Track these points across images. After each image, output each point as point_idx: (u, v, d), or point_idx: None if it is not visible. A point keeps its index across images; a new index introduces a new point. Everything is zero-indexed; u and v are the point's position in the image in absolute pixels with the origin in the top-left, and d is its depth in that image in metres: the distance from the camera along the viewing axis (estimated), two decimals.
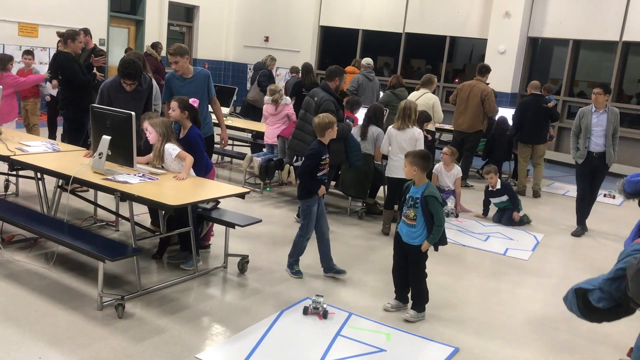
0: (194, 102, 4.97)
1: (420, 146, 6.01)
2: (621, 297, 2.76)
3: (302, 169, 4.82)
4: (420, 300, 4.29)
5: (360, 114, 7.11)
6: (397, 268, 4.40)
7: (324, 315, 4.08)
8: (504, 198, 7.18)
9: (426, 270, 4.31)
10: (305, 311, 4.12)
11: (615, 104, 10.23)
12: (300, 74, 10.09)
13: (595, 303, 2.76)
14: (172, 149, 4.68)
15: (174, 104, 4.87)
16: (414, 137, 6.01)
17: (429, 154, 4.44)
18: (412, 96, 8.28)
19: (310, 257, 5.05)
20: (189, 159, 4.65)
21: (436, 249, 4.30)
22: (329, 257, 4.88)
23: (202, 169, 4.91)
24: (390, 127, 6.21)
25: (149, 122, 4.67)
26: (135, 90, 5.37)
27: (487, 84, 9.05)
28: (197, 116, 4.99)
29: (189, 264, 4.69)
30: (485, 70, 9.04)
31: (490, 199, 7.33)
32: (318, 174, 4.77)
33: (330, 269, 4.89)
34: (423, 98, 8.28)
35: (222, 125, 6.15)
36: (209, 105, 5.87)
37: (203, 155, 4.97)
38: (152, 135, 4.67)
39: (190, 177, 4.65)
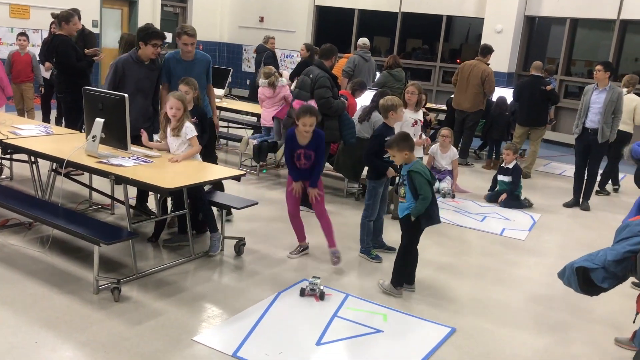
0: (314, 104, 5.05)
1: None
2: (625, 275, 2.76)
3: (367, 150, 4.90)
4: (395, 276, 4.30)
5: (361, 99, 7.06)
6: None
7: (321, 297, 4.08)
8: (507, 178, 7.18)
9: (421, 248, 4.33)
10: (302, 293, 4.12)
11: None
12: (309, 53, 9.92)
13: (599, 282, 2.75)
14: (189, 130, 4.61)
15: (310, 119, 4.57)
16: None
17: (406, 133, 4.45)
18: None
19: (310, 239, 5.04)
20: (196, 149, 4.63)
21: (423, 227, 4.26)
22: (378, 233, 5.12)
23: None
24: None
25: (176, 96, 4.55)
26: (149, 67, 5.20)
27: (488, 64, 9.04)
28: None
29: (215, 247, 4.70)
30: (487, 50, 9.09)
31: (499, 175, 7.34)
32: (384, 156, 4.80)
33: (381, 246, 5.10)
34: (624, 99, 7.65)
35: (214, 111, 6.07)
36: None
37: (324, 156, 4.86)
38: (176, 110, 4.56)
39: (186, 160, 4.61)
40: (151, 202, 5.30)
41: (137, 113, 5.10)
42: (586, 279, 2.79)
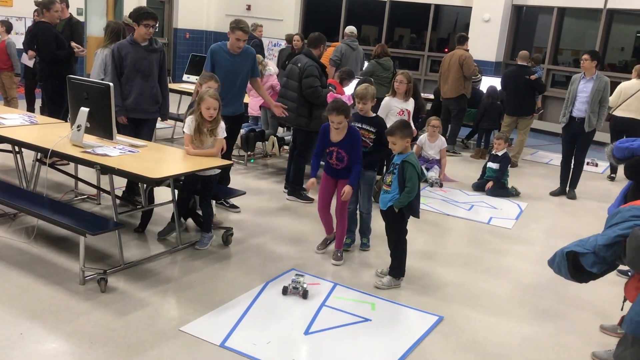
0: (349, 99, 4.95)
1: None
2: (614, 261, 2.77)
3: None
4: (397, 267, 4.30)
5: (350, 88, 7.03)
6: (387, 238, 4.42)
7: (304, 295, 3.95)
8: (496, 166, 7.22)
9: (408, 238, 4.33)
10: (285, 291, 3.98)
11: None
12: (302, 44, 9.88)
13: (588, 267, 2.76)
14: (222, 130, 4.48)
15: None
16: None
17: (405, 120, 4.48)
18: (629, 87, 7.78)
19: (298, 228, 5.03)
20: (215, 151, 4.48)
21: (407, 217, 4.26)
22: (363, 228, 4.99)
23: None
24: (386, 97, 6.15)
25: (213, 96, 4.37)
26: (147, 49, 5.17)
27: (467, 50, 9.14)
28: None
29: (203, 243, 4.65)
30: (463, 39, 9.31)
31: (489, 162, 7.40)
32: None
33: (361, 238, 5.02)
34: None
35: (269, 100, 6.03)
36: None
37: (361, 154, 4.57)
38: (213, 110, 4.39)
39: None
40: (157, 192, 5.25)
41: (137, 94, 5.14)
42: (576, 264, 2.80)
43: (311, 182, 4.57)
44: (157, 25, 5.22)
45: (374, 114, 4.94)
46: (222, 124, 4.50)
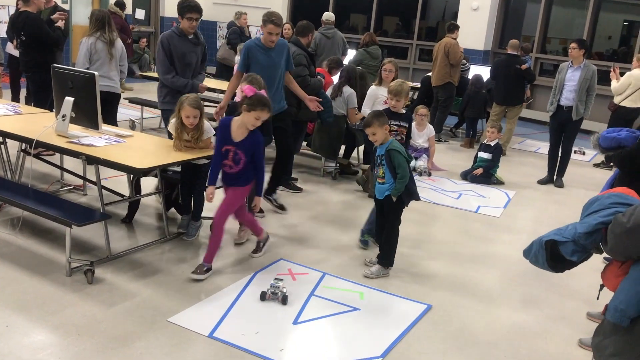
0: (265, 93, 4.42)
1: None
2: (592, 249, 2.77)
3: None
4: (387, 256, 4.30)
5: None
6: (379, 228, 4.42)
7: (284, 301, 3.74)
8: (488, 156, 7.23)
9: (399, 228, 4.33)
10: (263, 297, 3.76)
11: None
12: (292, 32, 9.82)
13: (568, 256, 2.75)
14: (209, 130, 4.35)
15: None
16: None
17: (377, 110, 4.56)
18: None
19: (287, 218, 5.01)
20: (204, 147, 4.36)
21: (406, 204, 4.27)
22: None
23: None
24: (372, 86, 6.13)
25: (193, 104, 4.20)
26: (192, 41, 5.22)
27: (455, 39, 9.13)
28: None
29: (191, 234, 4.60)
30: (453, 27, 9.32)
31: (479, 151, 7.41)
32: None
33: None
34: None
35: (303, 94, 5.63)
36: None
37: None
38: (193, 118, 4.21)
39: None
40: (144, 182, 5.20)
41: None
42: (554, 252, 2.79)
43: (210, 191, 4.02)
44: (200, 18, 5.20)
45: (404, 110, 4.99)
46: (206, 125, 4.37)
